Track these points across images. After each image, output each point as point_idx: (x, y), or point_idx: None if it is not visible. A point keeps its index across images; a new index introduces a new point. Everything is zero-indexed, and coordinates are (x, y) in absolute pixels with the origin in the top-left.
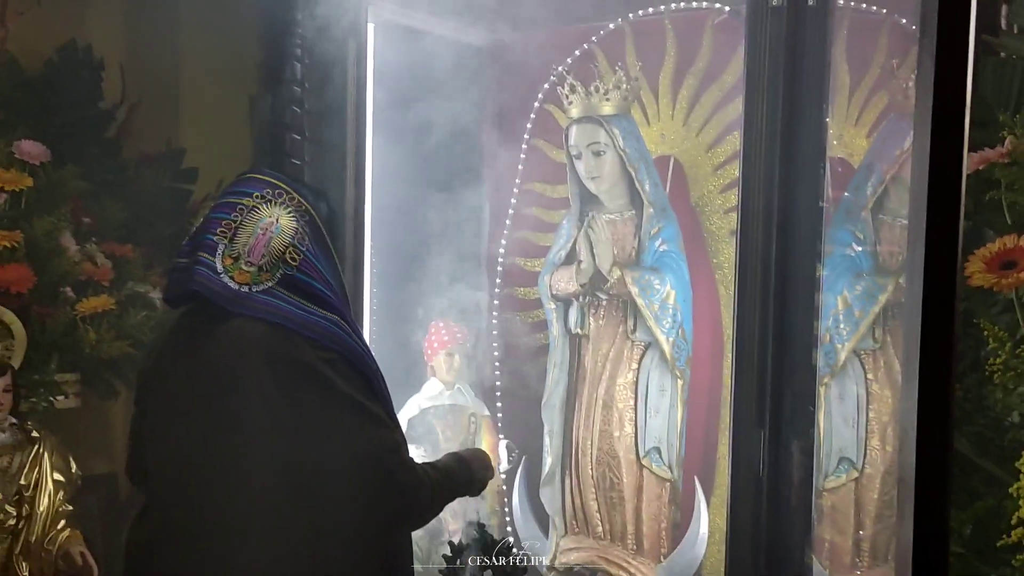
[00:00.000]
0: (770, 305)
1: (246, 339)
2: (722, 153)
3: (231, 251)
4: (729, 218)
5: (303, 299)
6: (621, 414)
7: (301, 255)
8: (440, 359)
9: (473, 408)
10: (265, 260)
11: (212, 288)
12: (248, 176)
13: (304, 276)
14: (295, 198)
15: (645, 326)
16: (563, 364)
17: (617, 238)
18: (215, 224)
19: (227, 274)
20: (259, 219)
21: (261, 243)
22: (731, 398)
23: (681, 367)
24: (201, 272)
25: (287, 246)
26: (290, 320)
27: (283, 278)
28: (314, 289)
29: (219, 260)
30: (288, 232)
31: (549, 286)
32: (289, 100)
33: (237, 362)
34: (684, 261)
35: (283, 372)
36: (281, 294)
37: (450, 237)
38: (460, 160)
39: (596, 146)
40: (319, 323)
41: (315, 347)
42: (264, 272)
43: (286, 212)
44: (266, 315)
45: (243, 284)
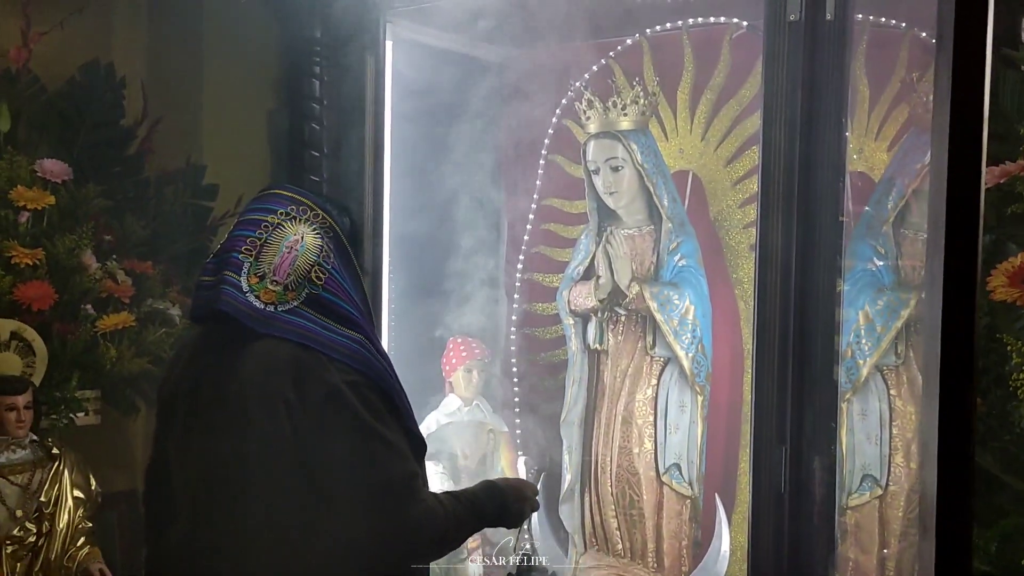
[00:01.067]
0: (791, 320)
1: (275, 360)
2: (741, 168)
3: (257, 270)
4: (748, 233)
5: (328, 318)
6: (641, 430)
7: (327, 273)
8: (459, 375)
9: (491, 424)
10: (291, 279)
11: (239, 308)
12: (271, 192)
13: (330, 295)
14: (319, 214)
15: (664, 342)
16: (582, 380)
17: (636, 253)
18: (240, 242)
19: (253, 293)
20: (284, 237)
21: (287, 261)
22: (752, 414)
23: (701, 383)
24: (228, 292)
25: (312, 264)
26: (317, 341)
27: (309, 297)
28: (340, 308)
29: (245, 279)
30: (313, 250)
31: (567, 302)
32: (308, 116)
33: (266, 382)
34: (703, 276)
35: (310, 394)
36: (307, 313)
37: (468, 253)
38: (478, 176)
39: (614, 161)
40: (345, 344)
41: (340, 369)
42: (290, 291)
43: (311, 229)
44: (293, 335)
45: (269, 303)
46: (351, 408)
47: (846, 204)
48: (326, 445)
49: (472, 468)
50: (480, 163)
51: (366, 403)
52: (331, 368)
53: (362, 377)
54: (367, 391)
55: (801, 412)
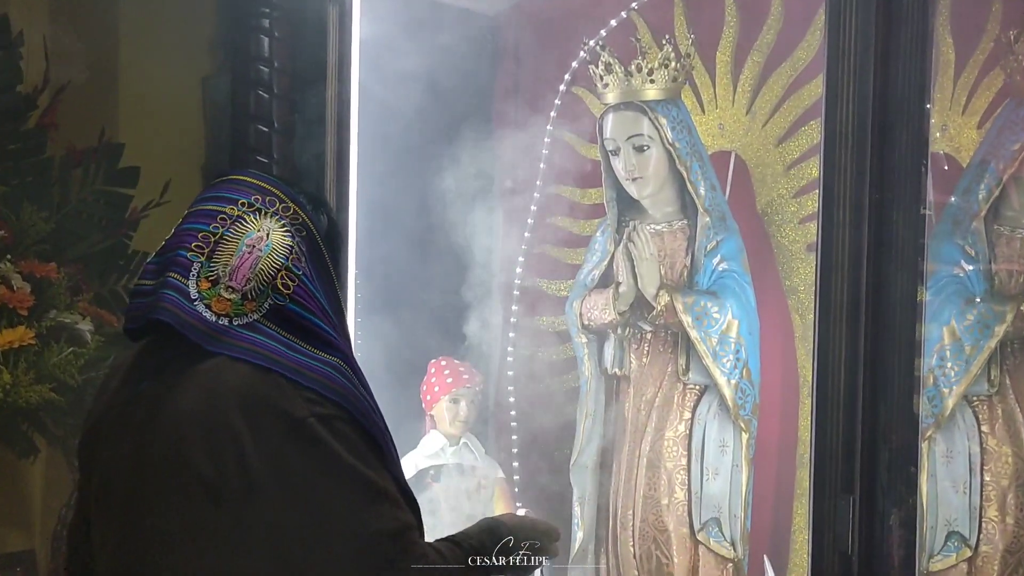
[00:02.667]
0: (859, 338)
1: (223, 386)
2: (796, 148)
3: (209, 272)
4: (806, 229)
5: (296, 336)
6: (671, 476)
7: (296, 280)
8: (442, 407)
9: (484, 468)
10: (251, 285)
11: (183, 319)
12: (231, 179)
13: (298, 307)
14: (290, 208)
15: (700, 365)
16: (597, 413)
17: (665, 254)
18: (189, 237)
19: (203, 301)
20: (245, 233)
21: (247, 264)
22: (811, 456)
23: (746, 417)
24: (170, 298)
25: (279, 268)
26: (280, 363)
27: (272, 309)
28: (311, 324)
29: (194, 283)
30: (281, 251)
31: (579, 315)
32: (254, 82)
33: (210, 414)
34: (749, 283)
35: (268, 430)
36: (269, 329)
37: (454, 254)
38: (466, 158)
39: (638, 139)
40: (316, 367)
41: (310, 400)
42: (249, 300)
43: (279, 225)
44: (249, 356)
45: (222, 315)
46: (325, 446)
47: (928, 194)
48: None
49: (459, 525)
50: (469, 142)
51: (344, 440)
52: (297, 398)
53: (338, 410)
54: (344, 427)
55: (873, 454)
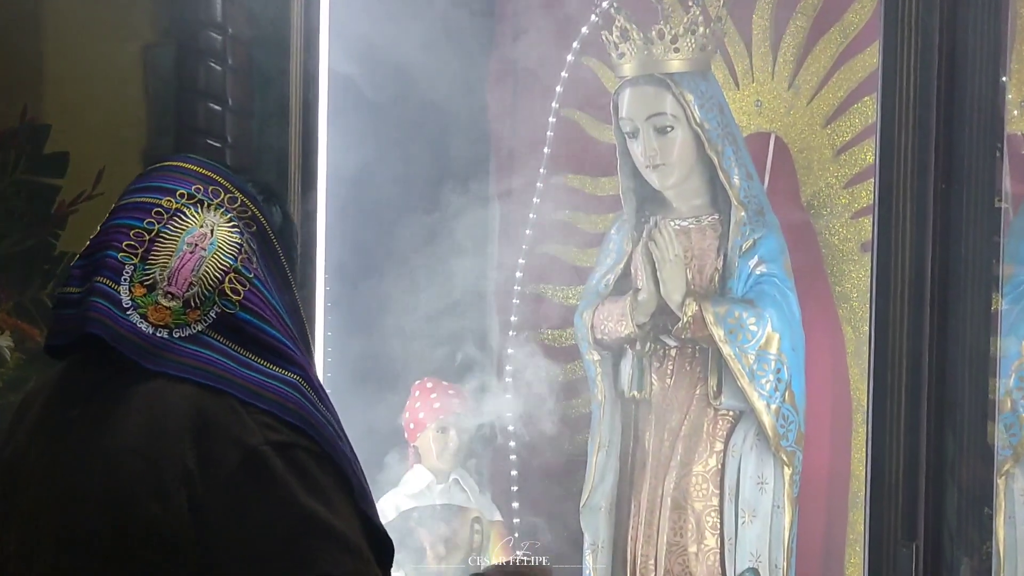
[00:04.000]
0: (923, 355)
1: (168, 412)
2: (847, 129)
3: (144, 276)
4: (859, 225)
5: (248, 349)
6: (700, 519)
7: (247, 284)
8: (428, 437)
9: (477, 510)
10: (194, 291)
11: (116, 332)
12: (168, 165)
13: (250, 315)
14: (238, 199)
15: (735, 387)
16: (612, 444)
17: (692, 255)
18: (119, 235)
19: (138, 310)
20: (185, 229)
21: (188, 265)
22: (867, 495)
23: (789, 448)
24: (99, 307)
25: (227, 270)
26: (232, 382)
27: (220, 318)
28: (265, 335)
29: (126, 289)
30: (228, 250)
31: (591, 327)
32: (204, 52)
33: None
34: (792, 289)
35: (218, 461)
36: (217, 342)
37: (441, 255)
38: (454, 142)
39: (660, 119)
40: (273, 387)
41: (264, 424)
42: (192, 308)
43: (225, 220)
44: (196, 374)
45: (160, 326)
46: (279, 482)
47: (1004, 183)
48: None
49: (449, 573)
50: (459, 122)
51: (302, 475)
52: (250, 422)
53: (297, 436)
54: (305, 457)
55: (940, 492)
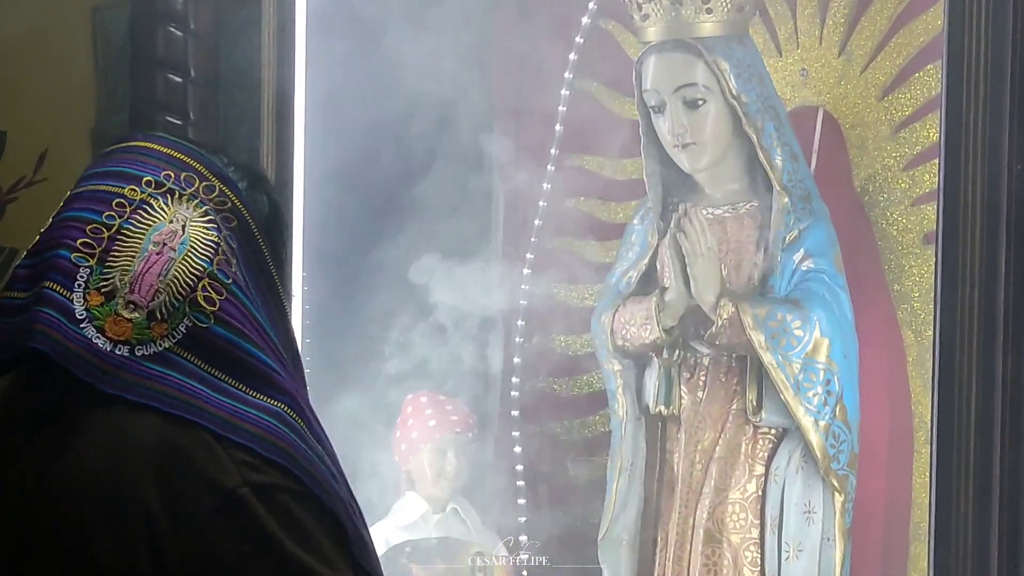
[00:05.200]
0: (996, 364)
1: (129, 445)
2: (907, 102)
3: (101, 281)
4: (921, 214)
5: (224, 371)
6: (737, 554)
7: (223, 293)
8: (423, 460)
9: (479, 544)
10: (161, 300)
11: (66, 347)
12: (132, 146)
13: (227, 330)
14: (215, 187)
15: (777, 401)
16: (635, 467)
17: (728, 249)
18: (74, 231)
19: (93, 323)
20: (152, 225)
21: (154, 269)
22: (930, 525)
23: (841, 472)
24: (47, 318)
25: (200, 276)
26: (204, 412)
27: (190, 333)
28: (245, 354)
29: (80, 297)
30: (202, 250)
31: (611, 332)
32: (163, 15)
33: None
34: (844, 288)
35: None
36: (186, 362)
37: (437, 248)
38: (455, 116)
39: (691, 90)
40: (253, 417)
41: (243, 463)
42: (158, 321)
43: (199, 213)
44: (161, 401)
45: (120, 342)
46: (260, 530)
47: None
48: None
49: None
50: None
51: (287, 521)
52: (226, 460)
53: (281, 476)
54: (289, 500)
55: (1016, 522)
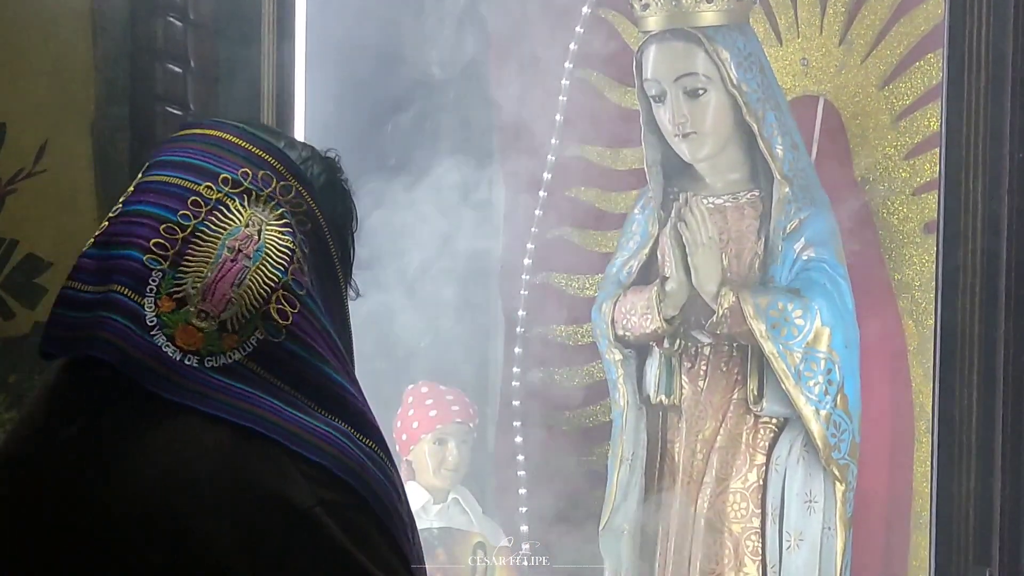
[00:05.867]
0: (997, 351)
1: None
2: (908, 91)
3: (173, 287)
4: (922, 202)
5: (295, 388)
6: (738, 543)
7: (297, 306)
8: (423, 450)
9: (480, 534)
10: (234, 311)
11: (132, 356)
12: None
13: (299, 347)
14: (292, 188)
15: (778, 390)
16: (636, 457)
17: (729, 238)
18: (146, 228)
19: (163, 330)
20: (227, 230)
21: (228, 278)
22: (932, 514)
23: (842, 461)
24: (114, 325)
25: (274, 287)
26: (276, 427)
27: (261, 346)
28: (317, 372)
29: (151, 303)
30: (278, 259)
31: (611, 322)
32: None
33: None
34: (844, 277)
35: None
36: (256, 376)
37: (437, 239)
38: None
39: (691, 80)
40: (326, 434)
41: (315, 480)
42: (229, 333)
43: (275, 217)
44: (232, 414)
45: (191, 352)
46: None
47: None
48: None
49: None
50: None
51: (363, 541)
52: (298, 477)
53: (350, 496)
54: (363, 521)
55: (1017, 511)
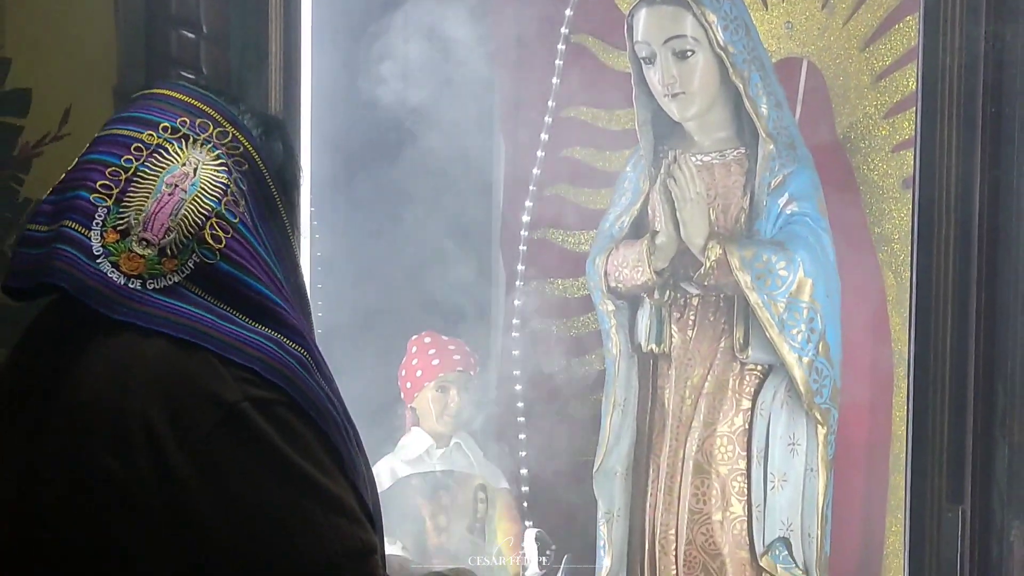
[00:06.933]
0: (970, 301)
1: (135, 365)
2: (887, 52)
3: (117, 220)
4: (901, 159)
5: (229, 305)
6: (725, 484)
7: (231, 232)
8: (427, 397)
9: (481, 476)
10: (172, 238)
11: (82, 282)
12: (155, 93)
13: (232, 267)
14: (228, 133)
15: (763, 339)
16: (628, 403)
17: (716, 193)
18: (95, 172)
19: (109, 258)
20: (165, 168)
21: (167, 208)
22: (908, 455)
23: (823, 405)
24: (66, 255)
25: (207, 215)
26: (208, 336)
27: (198, 268)
28: (249, 290)
29: (97, 235)
30: (211, 191)
31: (604, 274)
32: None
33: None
34: (826, 230)
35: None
36: (194, 295)
37: (441, 198)
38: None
39: (679, 42)
40: (255, 342)
41: (246, 381)
42: (168, 257)
43: (211, 157)
44: (168, 327)
45: (134, 276)
46: (260, 438)
47: None
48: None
49: (451, 547)
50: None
51: (288, 433)
52: (228, 377)
53: (279, 394)
54: (289, 415)
55: (988, 451)
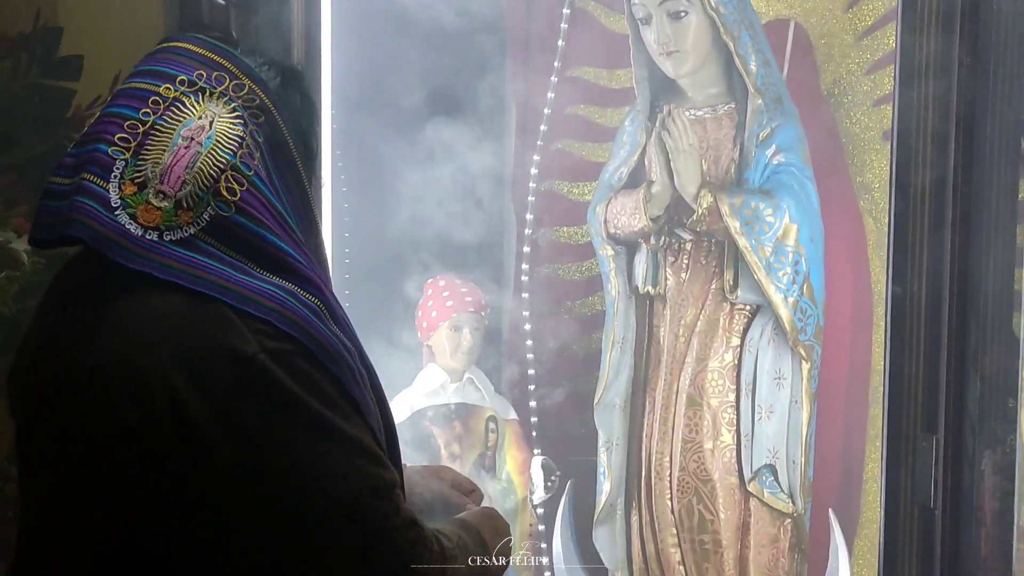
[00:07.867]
0: (945, 244)
1: (152, 319)
2: (870, 12)
3: (135, 173)
4: (881, 113)
5: (244, 256)
6: (716, 415)
7: (245, 184)
8: (441, 335)
9: (492, 409)
10: (188, 190)
11: (100, 233)
12: (171, 47)
13: (246, 219)
14: (244, 86)
15: (751, 280)
16: (626, 341)
17: (708, 145)
18: (112, 125)
19: (126, 210)
20: (182, 121)
21: (183, 161)
22: (885, 389)
23: (807, 342)
24: (84, 207)
25: (223, 168)
26: (224, 288)
27: (213, 220)
28: (263, 242)
29: (115, 187)
30: (226, 144)
31: (604, 221)
32: None
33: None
34: (811, 179)
35: (211, 373)
36: (209, 247)
37: (453, 151)
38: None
39: (674, 4)
40: (271, 293)
41: (259, 331)
42: (184, 210)
43: (227, 110)
44: (184, 278)
45: (150, 228)
46: (278, 388)
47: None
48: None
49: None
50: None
51: (305, 381)
52: (244, 330)
53: (294, 345)
54: (306, 365)
55: (961, 384)
